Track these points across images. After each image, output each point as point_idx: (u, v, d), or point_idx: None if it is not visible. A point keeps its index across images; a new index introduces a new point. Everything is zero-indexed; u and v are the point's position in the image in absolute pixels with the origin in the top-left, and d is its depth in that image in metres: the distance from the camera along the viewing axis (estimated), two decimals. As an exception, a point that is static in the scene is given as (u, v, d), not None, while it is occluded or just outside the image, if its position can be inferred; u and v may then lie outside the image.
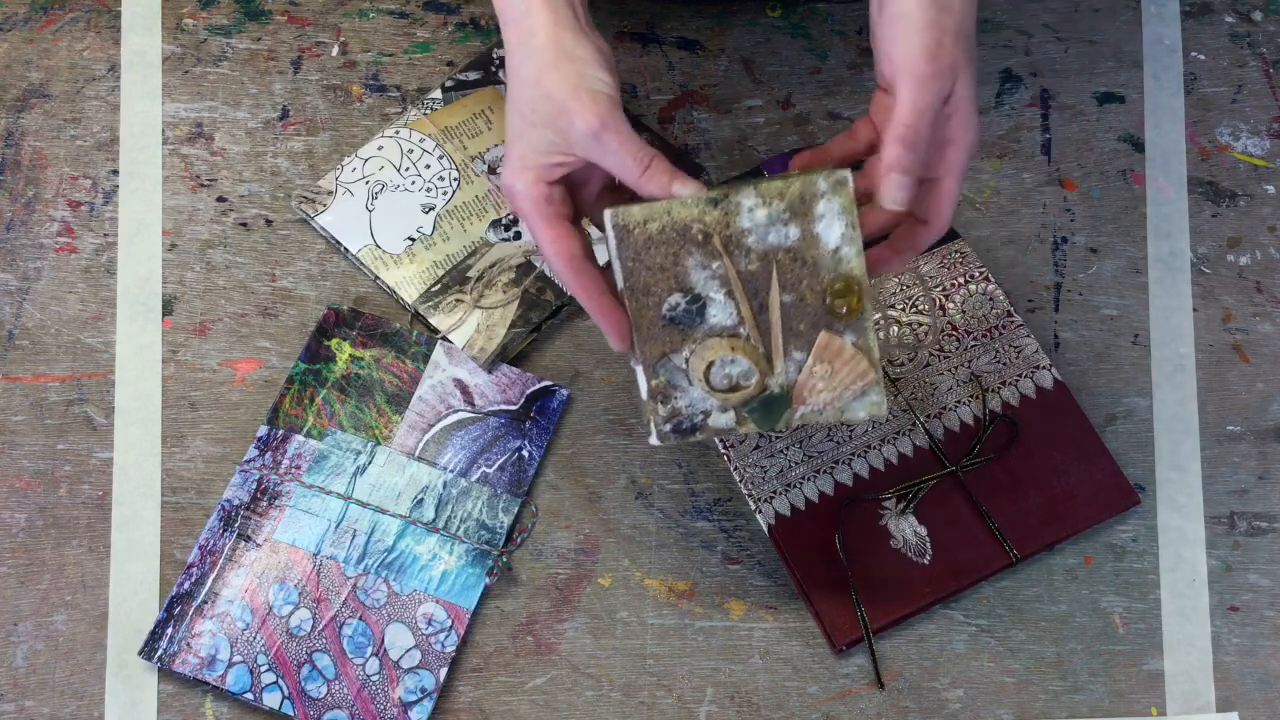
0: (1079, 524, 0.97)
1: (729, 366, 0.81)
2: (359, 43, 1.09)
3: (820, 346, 0.80)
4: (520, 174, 0.81)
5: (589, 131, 0.78)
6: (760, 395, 0.81)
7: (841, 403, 0.81)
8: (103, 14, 1.09)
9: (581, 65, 0.79)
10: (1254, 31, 1.12)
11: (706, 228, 0.79)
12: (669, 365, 0.81)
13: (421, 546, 0.95)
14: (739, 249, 0.79)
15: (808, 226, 0.79)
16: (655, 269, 0.80)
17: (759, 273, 0.80)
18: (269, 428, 0.97)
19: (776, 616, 0.96)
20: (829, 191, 0.78)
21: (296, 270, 1.03)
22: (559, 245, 0.80)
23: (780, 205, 0.78)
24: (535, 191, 0.81)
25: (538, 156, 0.80)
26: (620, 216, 0.79)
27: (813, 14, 1.11)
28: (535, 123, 0.80)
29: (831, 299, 0.79)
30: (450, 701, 0.93)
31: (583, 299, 0.81)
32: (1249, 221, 1.07)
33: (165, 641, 0.92)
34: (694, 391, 0.82)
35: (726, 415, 0.82)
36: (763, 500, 0.96)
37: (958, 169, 0.80)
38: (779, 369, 0.81)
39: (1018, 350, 1.00)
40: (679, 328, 0.81)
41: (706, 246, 0.79)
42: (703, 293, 0.80)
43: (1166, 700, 0.95)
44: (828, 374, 0.81)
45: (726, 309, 0.80)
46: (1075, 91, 1.10)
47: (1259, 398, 1.02)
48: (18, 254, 1.03)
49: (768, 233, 0.79)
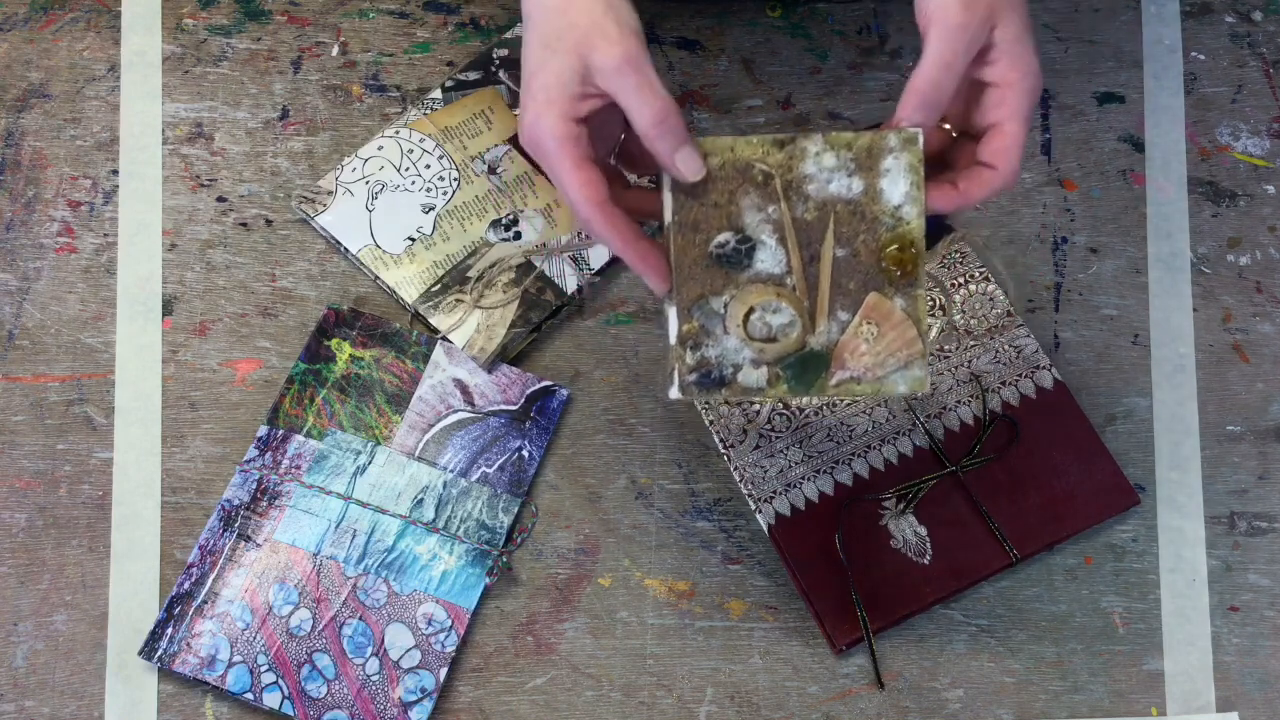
0: (1079, 524, 0.97)
1: (771, 315, 0.77)
2: (359, 43, 1.09)
3: (869, 306, 0.78)
4: (545, 111, 0.75)
5: (612, 65, 0.74)
6: (798, 352, 0.78)
7: (883, 370, 0.78)
8: (103, 14, 1.09)
9: None
10: (1254, 31, 1.12)
11: (769, 168, 0.77)
12: (706, 308, 0.77)
13: (421, 546, 0.95)
14: (798, 195, 0.77)
15: (871, 181, 0.77)
16: (709, 205, 0.77)
17: (814, 223, 0.77)
18: (269, 428, 0.97)
19: (776, 616, 0.96)
20: (898, 148, 0.77)
21: (296, 270, 1.03)
22: (589, 190, 0.75)
23: (848, 155, 0.77)
24: (561, 129, 0.75)
25: (562, 88, 0.75)
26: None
27: (813, 14, 1.11)
28: (559, 50, 0.75)
29: (886, 260, 0.77)
30: (450, 701, 0.93)
31: (617, 245, 0.77)
32: (1249, 221, 1.07)
33: (165, 641, 0.92)
34: (728, 341, 0.77)
35: (759, 372, 0.78)
36: (763, 500, 0.96)
37: (1018, 111, 0.77)
38: (821, 327, 0.78)
39: (1018, 350, 1.00)
40: (723, 269, 0.77)
41: (765, 188, 0.77)
42: (754, 235, 0.77)
43: (1166, 700, 0.95)
44: (873, 336, 0.77)
45: (776, 255, 0.77)
46: (1075, 91, 1.10)
47: (1259, 398, 1.02)
48: (18, 254, 1.03)
49: (830, 181, 0.77)
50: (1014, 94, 0.77)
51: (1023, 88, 0.77)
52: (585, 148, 0.76)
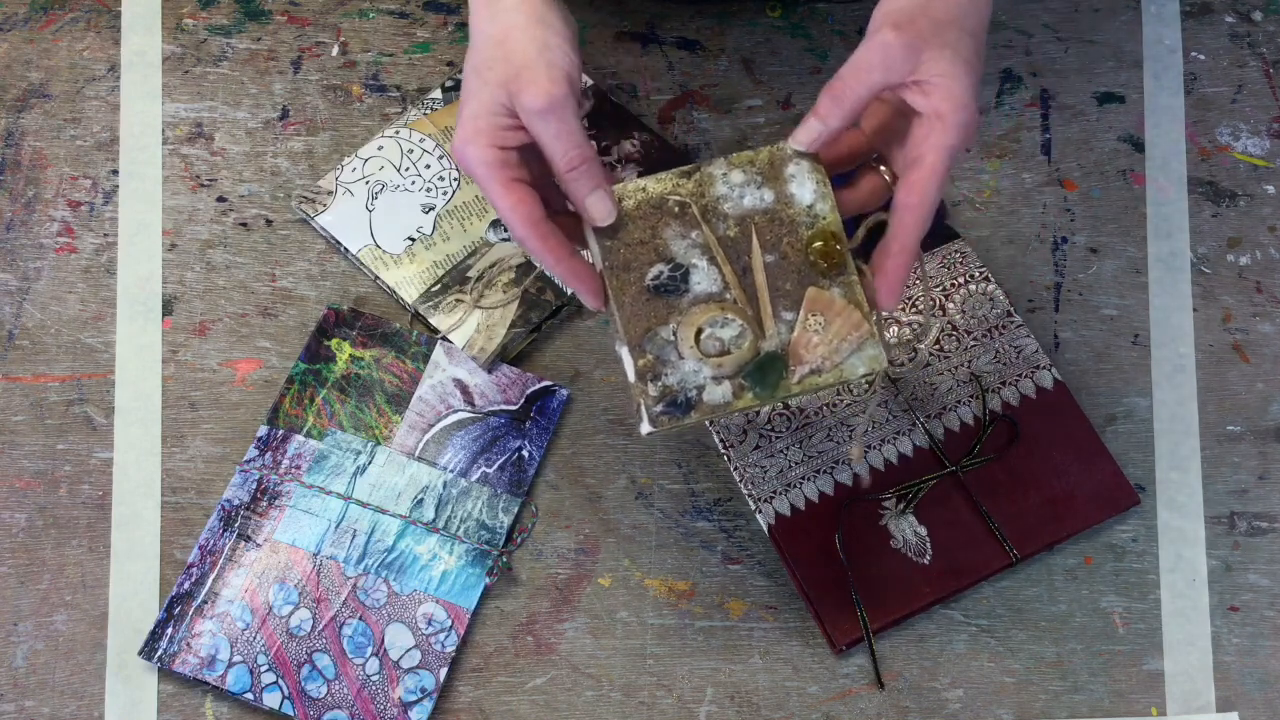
0: (1079, 524, 0.97)
1: (720, 330, 0.79)
2: (359, 43, 1.09)
3: (810, 300, 0.79)
4: (473, 138, 0.77)
5: (535, 109, 0.76)
6: (755, 358, 0.79)
7: (839, 356, 0.79)
8: (103, 14, 1.09)
9: (548, 33, 0.77)
10: (1254, 31, 1.12)
11: (683, 197, 0.79)
12: (656, 340, 0.79)
13: (421, 546, 0.95)
14: (716, 216, 0.80)
15: (780, 188, 0.80)
16: (634, 244, 0.79)
17: (738, 237, 0.80)
18: (269, 428, 0.97)
19: (776, 616, 0.96)
20: (795, 155, 0.80)
21: (296, 270, 1.03)
22: (519, 210, 0.77)
23: (753, 170, 0.80)
24: (488, 155, 0.77)
25: (490, 119, 0.77)
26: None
27: (813, 14, 1.11)
28: (489, 81, 0.77)
29: (814, 255, 0.79)
30: (450, 701, 0.93)
31: (549, 262, 0.79)
32: (1249, 221, 1.07)
33: (165, 641, 0.92)
34: (685, 365, 0.79)
35: (722, 388, 0.79)
36: (763, 500, 0.96)
37: (940, 146, 0.77)
38: (770, 331, 0.79)
39: (1018, 350, 1.00)
40: (664, 298, 0.79)
41: (684, 216, 0.80)
42: (684, 261, 0.79)
43: (1166, 700, 0.95)
44: (821, 326, 0.79)
45: (710, 275, 0.79)
46: (1075, 91, 1.10)
47: (1259, 398, 1.02)
48: (18, 254, 1.03)
49: (743, 196, 0.80)
50: (941, 126, 0.77)
51: (951, 121, 0.77)
52: (515, 170, 0.78)
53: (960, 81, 0.77)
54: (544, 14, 0.78)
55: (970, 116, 0.78)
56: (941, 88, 0.77)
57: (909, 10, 0.77)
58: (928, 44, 0.77)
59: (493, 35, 0.78)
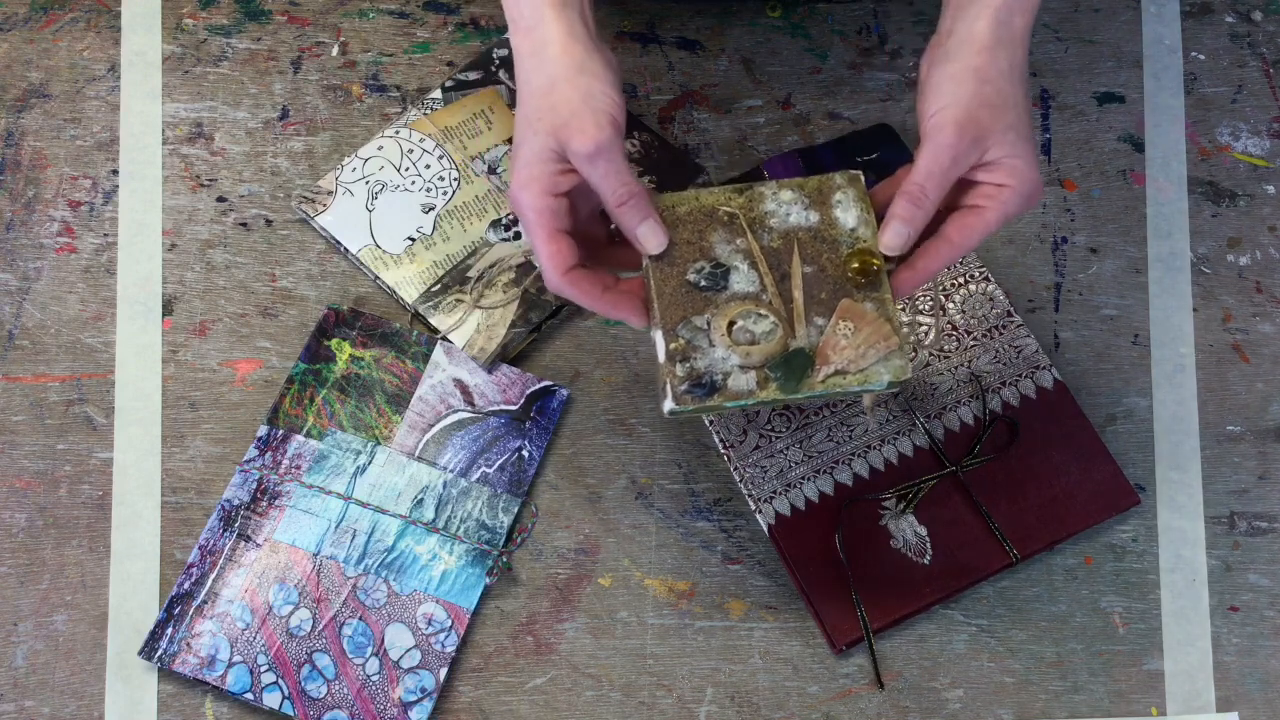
0: (1079, 524, 0.97)
1: (753, 323, 0.82)
2: (359, 43, 1.09)
3: (843, 309, 0.82)
4: (527, 185, 0.82)
5: (583, 153, 0.80)
6: (783, 352, 0.82)
7: (865, 362, 0.82)
8: (103, 14, 1.09)
9: (591, 80, 0.81)
10: (1254, 31, 1.12)
11: (733, 209, 0.84)
12: (690, 325, 0.82)
13: (421, 546, 0.95)
14: (762, 228, 0.84)
15: (826, 211, 0.84)
16: (682, 243, 0.83)
17: (781, 248, 0.84)
18: (269, 428, 0.97)
19: (776, 616, 0.96)
20: (844, 185, 0.85)
21: (296, 270, 1.03)
22: (556, 260, 0.82)
23: (801, 193, 0.84)
24: (540, 204, 0.82)
25: (543, 166, 0.82)
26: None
27: (813, 14, 1.11)
28: (539, 131, 0.81)
29: (851, 271, 0.83)
30: (450, 701, 0.93)
31: (587, 304, 0.84)
32: (1249, 221, 1.07)
33: (165, 641, 0.92)
34: (715, 352, 0.82)
35: (748, 376, 0.82)
36: (763, 500, 0.96)
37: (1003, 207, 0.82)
38: (801, 333, 0.82)
39: (1018, 350, 1.00)
40: (703, 293, 0.83)
41: (731, 225, 0.84)
42: (726, 262, 0.83)
43: (1166, 700, 0.95)
44: (851, 332, 0.82)
45: (749, 277, 0.83)
46: (1075, 91, 1.10)
47: (1259, 398, 1.02)
48: (18, 254, 1.03)
49: (789, 215, 0.84)
50: (1007, 194, 0.82)
51: (1018, 192, 0.82)
52: (562, 220, 0.82)
53: (1024, 158, 0.82)
54: (585, 62, 0.82)
55: (1034, 187, 0.83)
56: (1007, 167, 0.82)
57: (966, 105, 0.81)
58: (989, 133, 0.81)
59: (540, 87, 0.82)
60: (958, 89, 0.81)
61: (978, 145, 0.81)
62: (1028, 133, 0.83)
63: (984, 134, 0.81)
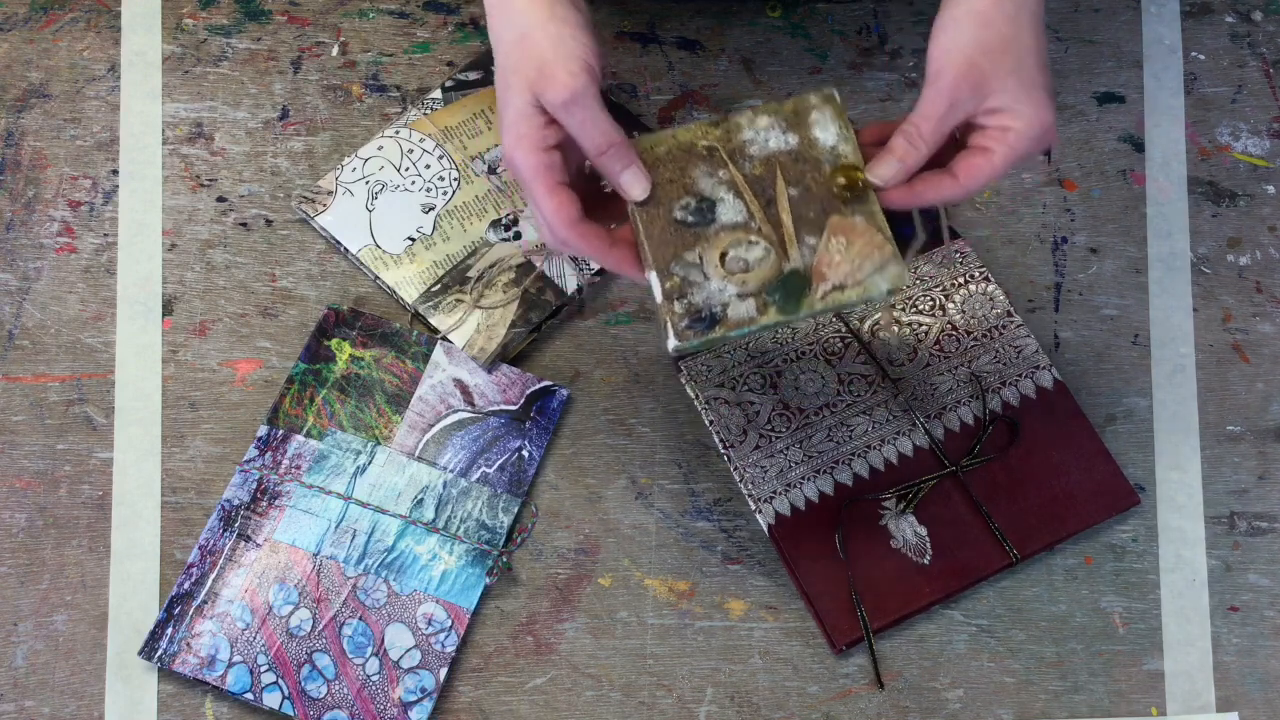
0: (1079, 524, 0.97)
1: (745, 251, 0.82)
2: (359, 43, 1.09)
3: (833, 225, 0.82)
4: (518, 144, 0.81)
5: (559, 103, 0.79)
6: (779, 275, 0.82)
7: (862, 274, 0.81)
8: (103, 14, 1.09)
9: (561, 27, 0.80)
10: (1254, 31, 1.12)
11: (711, 142, 0.84)
12: (683, 262, 0.82)
13: (421, 546, 0.95)
14: (742, 157, 0.84)
15: (804, 133, 0.84)
16: (664, 183, 0.83)
17: (764, 175, 0.83)
18: (269, 428, 0.97)
19: (776, 616, 0.96)
20: (820, 104, 0.84)
21: (296, 270, 1.03)
22: (561, 214, 0.81)
23: (778, 118, 0.84)
24: (534, 160, 0.81)
25: (527, 122, 0.81)
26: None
27: (813, 14, 1.11)
28: (516, 86, 0.80)
29: (836, 187, 0.82)
30: (450, 701, 0.93)
31: (594, 256, 0.83)
32: (1249, 221, 1.07)
33: (165, 641, 0.92)
34: (711, 284, 0.81)
35: (747, 304, 0.81)
36: (763, 500, 0.96)
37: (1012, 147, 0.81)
38: (794, 255, 0.82)
39: (1018, 350, 1.00)
40: (691, 229, 0.82)
41: (711, 158, 0.83)
42: (711, 195, 0.83)
43: (1166, 700, 0.95)
44: (844, 246, 0.82)
45: (736, 207, 0.83)
46: (1075, 91, 1.10)
47: (1259, 398, 1.02)
48: (18, 254, 1.03)
49: (768, 140, 0.84)
50: (1012, 138, 0.81)
51: (1024, 135, 0.81)
52: (558, 173, 0.81)
53: (1029, 103, 0.81)
54: (554, 8, 0.81)
55: (1043, 129, 0.81)
56: (1011, 111, 0.81)
57: (965, 50, 0.80)
58: (989, 79, 0.80)
59: (512, 40, 0.81)
60: (958, 34, 0.81)
61: (978, 91, 0.80)
62: (1035, 76, 0.81)
63: (983, 80, 0.80)
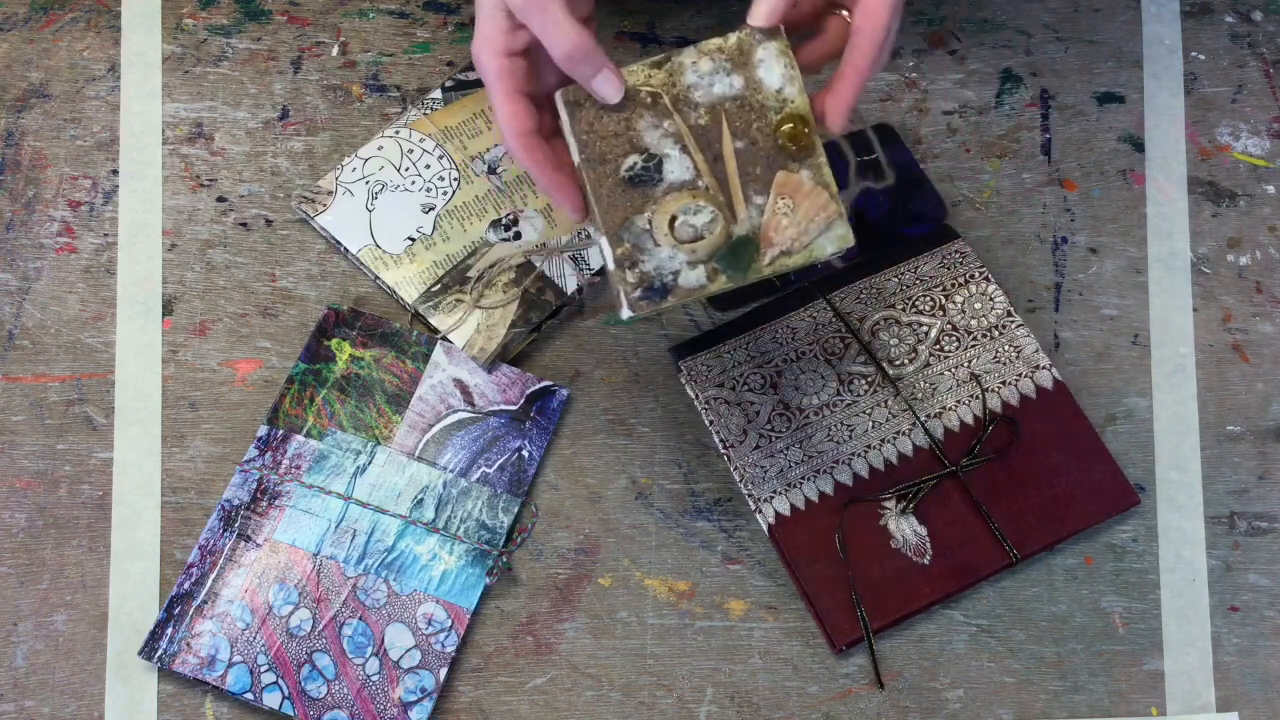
0: (1079, 524, 0.97)
1: (693, 216, 0.81)
2: (359, 43, 1.09)
3: (779, 184, 0.82)
4: (485, 47, 0.80)
5: (519, 6, 0.78)
6: (728, 242, 0.82)
7: (808, 237, 0.82)
8: (103, 14, 1.09)
9: None
10: (1254, 31, 1.12)
11: (654, 88, 0.82)
12: (633, 228, 0.82)
13: (421, 546, 0.95)
14: (687, 104, 0.82)
15: (750, 74, 0.82)
16: (609, 136, 0.82)
17: (709, 125, 0.82)
18: (269, 428, 0.97)
19: (776, 616, 0.96)
20: (764, 38, 0.82)
21: (296, 270, 1.03)
22: (514, 121, 0.80)
23: (722, 58, 0.82)
24: (497, 64, 0.80)
25: (494, 24, 0.80)
26: (570, 94, 0.81)
27: (813, 14, 1.11)
28: None
29: (782, 139, 0.82)
30: (450, 701, 0.93)
31: (535, 174, 0.82)
32: (1249, 221, 1.07)
33: (165, 641, 0.92)
34: (661, 252, 0.82)
35: (696, 272, 0.82)
36: (763, 500, 0.96)
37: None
38: (741, 216, 0.82)
39: (1018, 350, 1.00)
40: (639, 188, 0.82)
41: (656, 107, 0.82)
42: (658, 151, 0.82)
43: (1166, 700, 0.95)
44: (790, 209, 0.82)
45: (683, 163, 0.82)
46: (1075, 91, 1.10)
47: (1259, 398, 1.02)
48: (18, 254, 1.03)
49: (713, 84, 0.82)
50: None
51: None
52: (520, 81, 0.81)
53: None
54: None
55: None
56: None
57: None
58: None
59: None
60: None
61: None
62: None
63: None
